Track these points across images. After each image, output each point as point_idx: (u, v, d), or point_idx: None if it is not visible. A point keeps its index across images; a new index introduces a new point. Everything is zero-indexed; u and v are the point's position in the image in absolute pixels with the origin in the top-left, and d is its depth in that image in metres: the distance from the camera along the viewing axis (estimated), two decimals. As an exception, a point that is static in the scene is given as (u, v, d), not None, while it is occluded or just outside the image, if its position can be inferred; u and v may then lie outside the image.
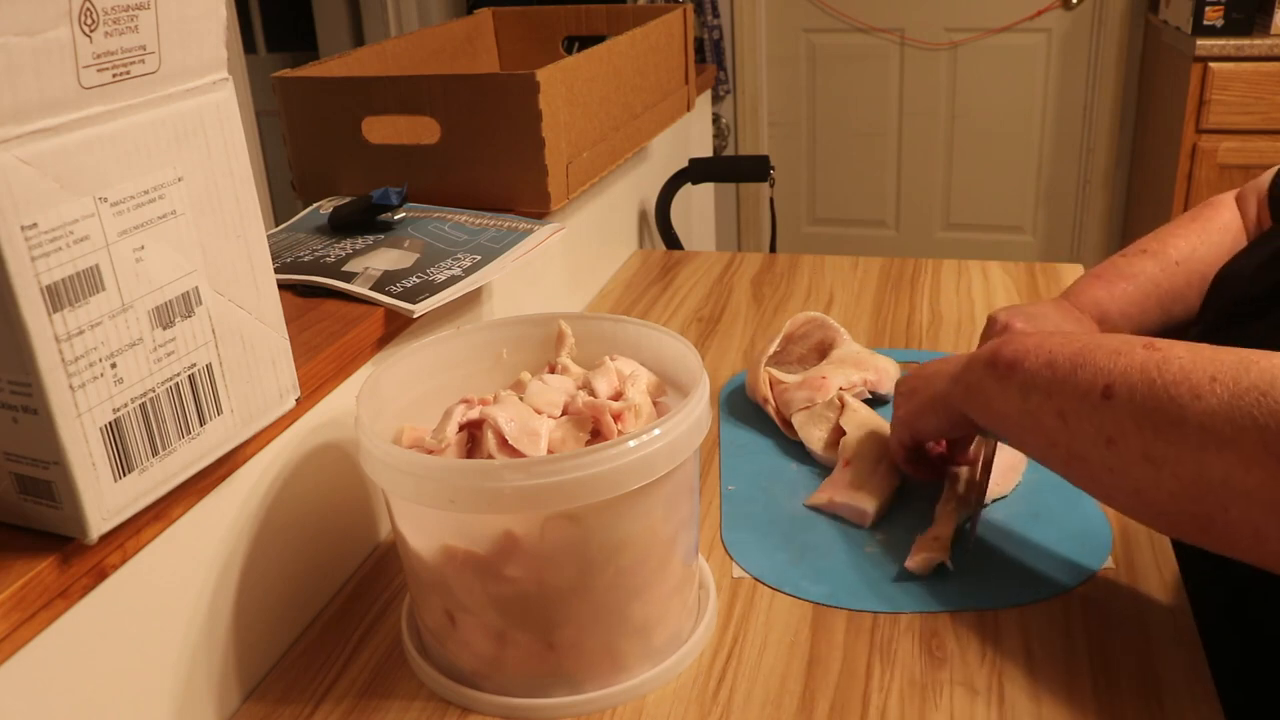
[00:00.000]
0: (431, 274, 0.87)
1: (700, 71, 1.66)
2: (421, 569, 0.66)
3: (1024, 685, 0.66)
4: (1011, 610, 0.73)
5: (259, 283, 0.62)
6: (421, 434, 0.70)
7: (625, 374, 0.73)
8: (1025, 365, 0.66)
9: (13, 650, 0.51)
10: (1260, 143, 2.32)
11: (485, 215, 1.01)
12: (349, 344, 0.79)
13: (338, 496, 0.81)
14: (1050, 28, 2.89)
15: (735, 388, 1.07)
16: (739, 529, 0.84)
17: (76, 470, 0.51)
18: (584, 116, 1.08)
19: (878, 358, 1.02)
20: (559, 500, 0.59)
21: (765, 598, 0.76)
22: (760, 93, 3.13)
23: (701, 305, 1.29)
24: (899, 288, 1.31)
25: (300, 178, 1.10)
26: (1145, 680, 0.66)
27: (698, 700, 0.67)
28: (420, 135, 1.05)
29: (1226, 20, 2.28)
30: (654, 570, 0.66)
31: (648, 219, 1.59)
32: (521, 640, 0.65)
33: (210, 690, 0.67)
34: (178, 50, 0.54)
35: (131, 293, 0.53)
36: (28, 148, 0.47)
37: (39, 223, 0.47)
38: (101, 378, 0.51)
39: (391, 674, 0.71)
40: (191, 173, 0.56)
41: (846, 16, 3.01)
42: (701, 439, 0.65)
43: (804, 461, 0.93)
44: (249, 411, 0.63)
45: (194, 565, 0.65)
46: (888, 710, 0.65)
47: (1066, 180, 3.02)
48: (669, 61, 1.34)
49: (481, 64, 1.44)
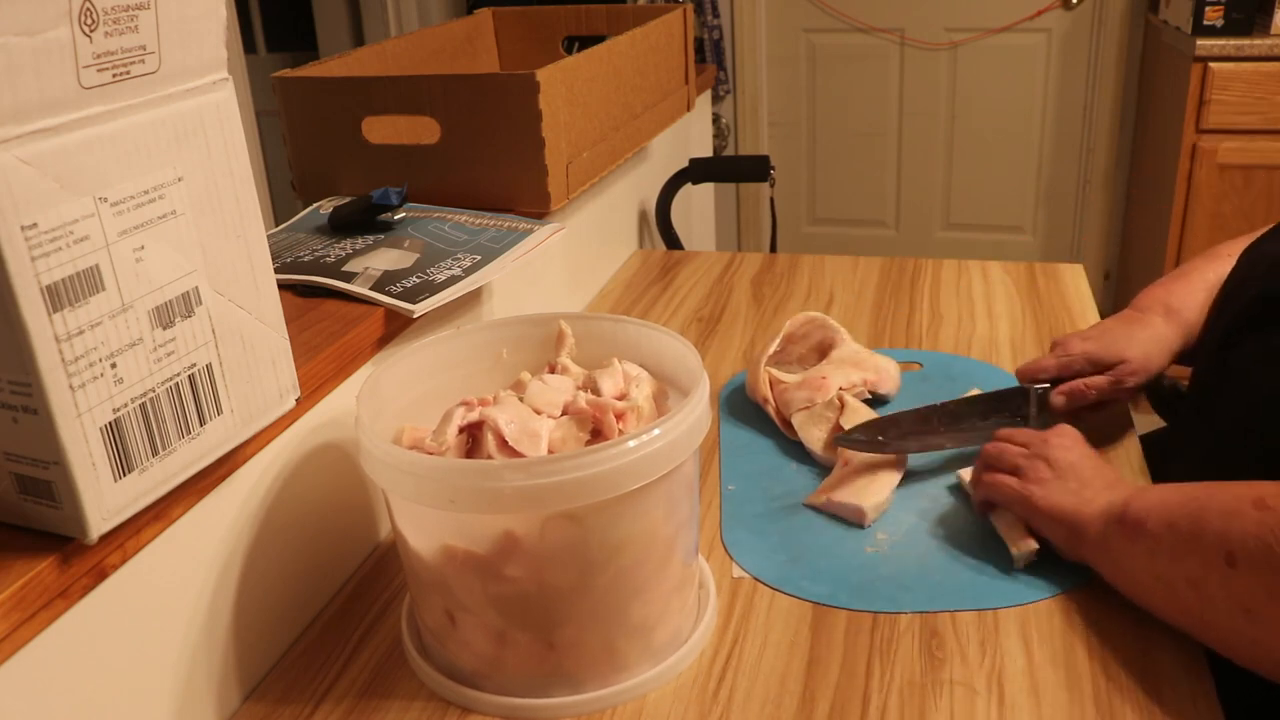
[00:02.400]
0: (431, 274, 0.87)
1: (700, 71, 1.66)
2: (421, 569, 0.66)
3: (1024, 685, 0.66)
4: (1011, 610, 0.73)
5: (259, 283, 0.62)
6: (422, 434, 0.70)
7: (631, 375, 0.73)
8: (1148, 526, 0.66)
9: (13, 650, 0.51)
10: (1260, 143, 2.31)
11: (485, 215, 1.01)
12: (349, 344, 0.79)
13: (338, 496, 0.81)
14: (1050, 28, 2.89)
15: (735, 388, 1.07)
16: (739, 529, 0.84)
17: (76, 470, 0.51)
18: (584, 116, 1.08)
19: (878, 358, 1.03)
20: (559, 500, 0.59)
21: (765, 598, 0.76)
22: (760, 93, 3.13)
23: (701, 305, 1.29)
24: (899, 288, 1.31)
25: (300, 178, 1.10)
26: (1145, 680, 0.66)
27: (698, 700, 0.67)
28: (420, 135, 1.05)
29: (1226, 20, 2.28)
30: (654, 570, 0.66)
31: (648, 219, 1.59)
32: (521, 640, 0.65)
33: (210, 690, 0.67)
34: (178, 50, 0.54)
35: (131, 293, 0.53)
36: (28, 148, 0.47)
37: (39, 223, 0.47)
38: (101, 378, 0.51)
39: (391, 674, 0.71)
40: (191, 173, 0.56)
41: (846, 16, 3.01)
42: (701, 439, 0.65)
43: (804, 461, 0.93)
44: (249, 411, 0.63)
45: (194, 565, 0.65)
46: (888, 710, 0.65)
47: (1066, 180, 3.02)
48: (669, 61, 1.34)
49: (481, 64, 1.44)
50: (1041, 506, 0.75)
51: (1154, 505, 0.67)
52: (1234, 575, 0.60)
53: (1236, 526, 0.60)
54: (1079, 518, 0.73)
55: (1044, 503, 0.75)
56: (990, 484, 0.79)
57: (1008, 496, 0.78)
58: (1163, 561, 0.65)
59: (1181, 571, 0.64)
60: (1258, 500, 0.60)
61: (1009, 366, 1.08)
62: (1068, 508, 0.74)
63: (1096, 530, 0.71)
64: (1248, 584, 0.60)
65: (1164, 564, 0.65)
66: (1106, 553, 0.71)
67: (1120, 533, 0.69)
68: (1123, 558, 0.69)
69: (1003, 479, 0.78)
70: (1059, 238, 3.09)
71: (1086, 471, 0.76)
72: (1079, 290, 1.28)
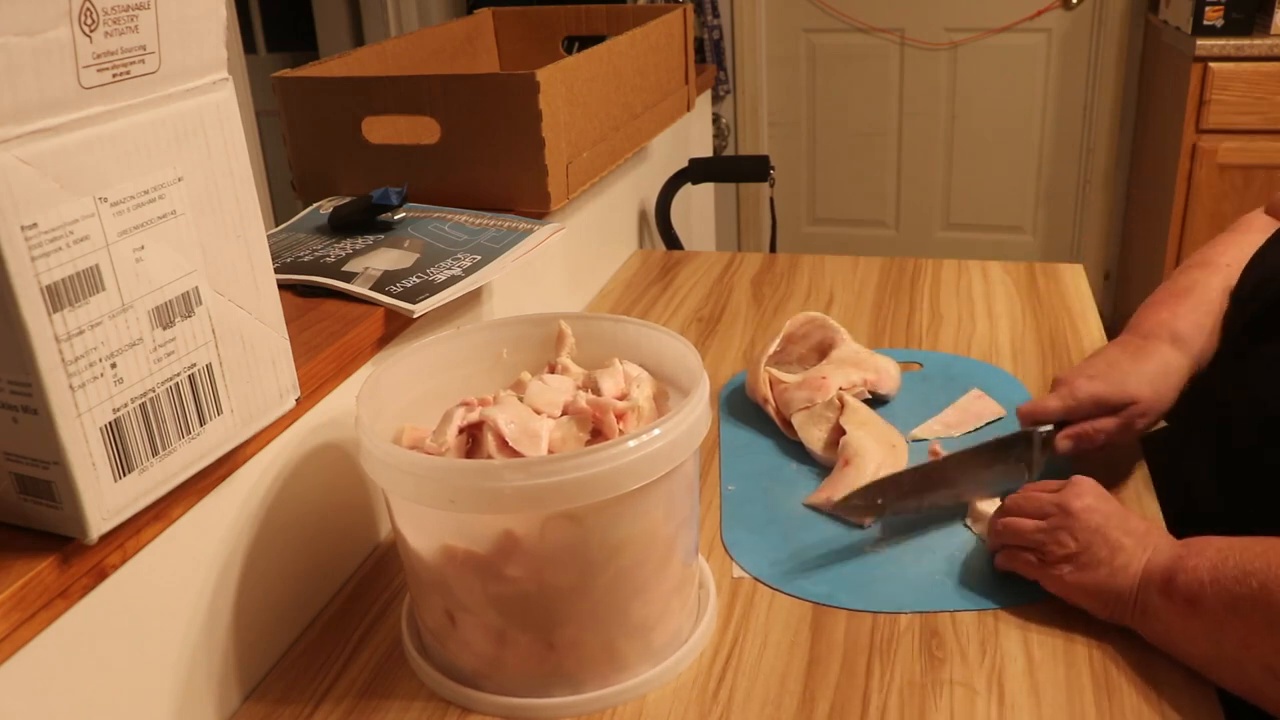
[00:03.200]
0: (431, 274, 0.87)
1: (700, 71, 1.66)
2: (421, 569, 0.66)
3: (1024, 685, 0.66)
4: (1011, 610, 0.73)
5: (259, 283, 0.62)
6: (422, 434, 0.70)
7: (632, 376, 0.73)
8: (1205, 605, 0.63)
9: (13, 650, 0.51)
10: (1260, 143, 2.31)
11: (485, 215, 1.01)
12: (349, 344, 0.79)
13: (338, 496, 0.81)
14: (1050, 28, 2.89)
15: (735, 388, 1.07)
16: (739, 529, 0.84)
17: (76, 470, 0.51)
18: (584, 116, 1.08)
19: (878, 358, 1.02)
20: (559, 500, 0.59)
21: (765, 598, 0.76)
22: (760, 93, 3.13)
23: (701, 305, 1.29)
24: (899, 288, 1.31)
25: (300, 178, 1.10)
26: (1145, 680, 0.66)
27: (698, 700, 0.67)
28: (420, 135, 1.05)
29: (1226, 20, 2.28)
30: (654, 570, 0.66)
31: (648, 219, 1.59)
32: (521, 640, 0.65)
33: (210, 690, 0.67)
34: (178, 50, 0.54)
35: (131, 293, 0.53)
36: (28, 148, 0.47)
37: (39, 223, 0.47)
38: (101, 378, 0.51)
39: (391, 674, 0.70)
40: (191, 173, 0.56)
41: (846, 16, 3.01)
42: (701, 439, 0.65)
43: (804, 461, 0.93)
44: (249, 411, 0.63)
45: (194, 565, 0.65)
46: (888, 710, 0.65)
47: (1066, 180, 3.02)
48: (669, 61, 1.34)
49: (481, 64, 1.44)
50: (1072, 584, 0.71)
51: (1206, 579, 0.64)
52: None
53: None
54: (1113, 589, 0.69)
55: (1073, 580, 0.70)
56: (1010, 561, 0.75)
57: (1032, 576, 0.73)
58: (1230, 646, 0.63)
59: (1255, 657, 0.61)
60: None
61: (1009, 367, 1.08)
62: (1100, 582, 0.70)
63: (1135, 597, 0.68)
64: None
65: (1232, 648, 0.63)
66: (1151, 620, 0.68)
67: (1170, 607, 0.66)
68: (1175, 633, 0.66)
69: (1024, 559, 0.73)
70: (1059, 238, 3.09)
71: (1114, 533, 0.70)
72: (1079, 290, 1.28)
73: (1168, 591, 0.66)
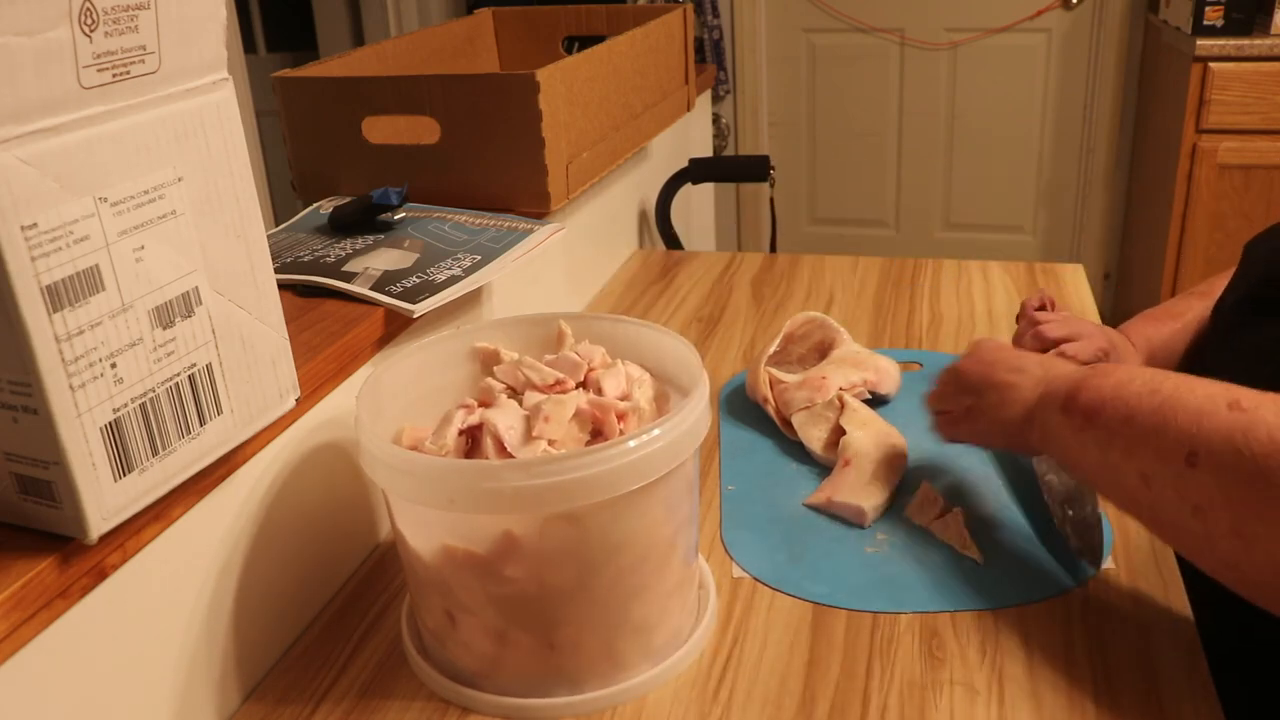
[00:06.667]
0: (431, 274, 0.87)
1: (700, 71, 1.66)
2: (421, 569, 0.66)
3: (1024, 685, 0.66)
4: (1011, 610, 0.73)
5: (259, 283, 0.62)
6: (422, 434, 0.70)
7: (634, 377, 0.73)
8: (1103, 417, 0.65)
9: (13, 650, 0.51)
10: (1260, 143, 2.31)
11: (485, 215, 1.01)
12: (349, 344, 0.79)
13: (338, 496, 0.81)
14: (1050, 28, 2.89)
15: (735, 388, 1.07)
16: (739, 529, 0.84)
17: (76, 470, 0.51)
18: (584, 116, 1.08)
19: (878, 358, 1.03)
20: (559, 500, 0.59)
21: (765, 598, 0.76)
22: (760, 93, 3.13)
23: (701, 305, 1.29)
24: (899, 288, 1.31)
25: (300, 178, 1.10)
26: (1145, 680, 0.66)
27: (698, 700, 0.67)
28: (420, 135, 1.05)
29: (1226, 20, 2.28)
30: (654, 570, 0.66)
31: (648, 219, 1.59)
32: (521, 640, 0.65)
33: (210, 690, 0.67)
34: (178, 50, 0.54)
35: (131, 293, 0.53)
36: (28, 148, 0.47)
37: (39, 223, 0.47)
38: (101, 378, 0.51)
39: (391, 674, 0.71)
40: (191, 173, 0.56)
41: (846, 16, 3.01)
42: (701, 439, 0.65)
43: (804, 461, 0.93)
44: (249, 411, 0.63)
45: (194, 565, 0.65)
46: (888, 710, 0.65)
47: (1066, 180, 3.02)
48: (669, 61, 1.34)
49: (481, 64, 1.44)
50: (980, 432, 0.78)
51: (1109, 395, 0.65)
52: (1191, 474, 0.58)
53: (1206, 426, 0.58)
54: (1011, 420, 0.74)
55: (980, 428, 0.77)
56: (936, 429, 0.83)
57: (949, 436, 0.81)
58: (1115, 454, 0.64)
59: (1134, 465, 0.62)
60: (1233, 402, 0.58)
61: (1009, 366, 1.08)
62: (999, 420, 0.75)
63: (1035, 419, 0.71)
64: (1203, 483, 0.58)
65: (1117, 456, 0.64)
66: (1050, 439, 0.70)
67: (1067, 423, 0.67)
68: (1069, 446, 0.68)
69: (940, 423, 0.82)
70: (1059, 238, 3.09)
71: (1001, 375, 0.75)
72: (1079, 290, 1.28)
73: (1068, 409, 0.68)
